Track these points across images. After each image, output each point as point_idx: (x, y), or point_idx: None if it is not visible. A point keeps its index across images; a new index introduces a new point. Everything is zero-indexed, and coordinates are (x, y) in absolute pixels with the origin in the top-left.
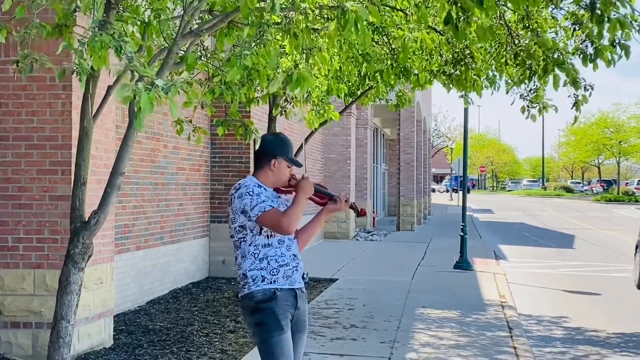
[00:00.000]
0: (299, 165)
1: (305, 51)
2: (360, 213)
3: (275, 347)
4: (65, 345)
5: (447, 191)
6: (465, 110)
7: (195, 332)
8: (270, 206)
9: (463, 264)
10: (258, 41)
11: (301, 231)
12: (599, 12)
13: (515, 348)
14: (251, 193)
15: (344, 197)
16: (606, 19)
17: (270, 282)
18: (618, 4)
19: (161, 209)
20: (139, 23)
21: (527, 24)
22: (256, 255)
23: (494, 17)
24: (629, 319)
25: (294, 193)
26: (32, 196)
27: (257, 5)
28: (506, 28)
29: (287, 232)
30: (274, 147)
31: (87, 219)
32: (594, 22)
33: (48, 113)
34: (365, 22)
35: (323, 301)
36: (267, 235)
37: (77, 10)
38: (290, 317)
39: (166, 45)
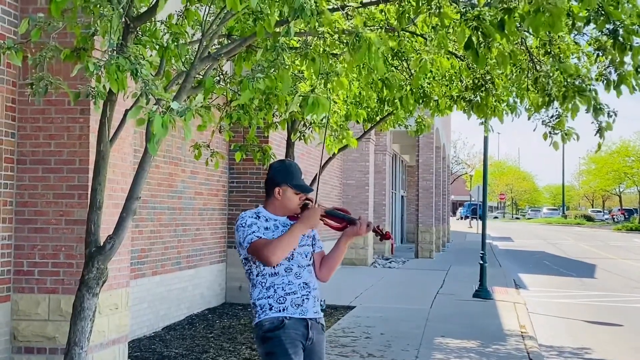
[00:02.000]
0: (307, 190)
1: (323, 76)
2: (385, 236)
3: None
4: None
5: (461, 218)
6: (485, 138)
7: None
8: (258, 237)
9: (482, 293)
10: (273, 65)
11: (326, 259)
12: (621, 39)
13: None
14: (244, 225)
15: (364, 221)
16: (628, 47)
17: (279, 311)
18: None
19: (178, 234)
20: (157, 47)
21: (549, 50)
22: (263, 284)
23: (515, 43)
24: None
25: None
26: (48, 220)
27: (274, 29)
28: (527, 54)
29: (269, 263)
30: (277, 175)
31: (102, 244)
32: (616, 49)
33: (66, 137)
34: (379, 48)
35: (340, 329)
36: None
37: (96, 34)
38: (302, 346)
39: (184, 69)
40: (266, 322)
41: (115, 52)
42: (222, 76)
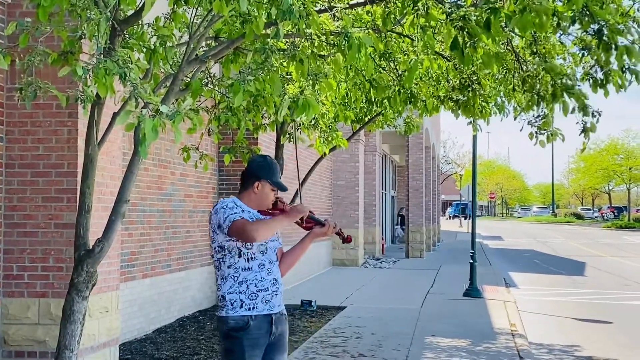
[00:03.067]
0: (283, 189)
1: (311, 77)
2: (346, 240)
3: None
4: None
5: (450, 218)
6: (474, 137)
7: None
8: (240, 216)
9: (473, 292)
10: (262, 67)
11: (286, 255)
12: (606, 39)
13: None
14: (225, 207)
15: (331, 223)
16: (613, 46)
17: (249, 308)
18: (625, 31)
19: (168, 237)
20: (145, 50)
21: (535, 50)
22: (235, 278)
23: (501, 43)
24: None
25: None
26: (37, 224)
27: (263, 32)
28: (514, 54)
29: (252, 239)
30: (258, 169)
31: (91, 247)
32: (601, 49)
33: (54, 140)
34: (370, 49)
35: (331, 329)
36: (248, 259)
37: (83, 37)
38: (266, 343)
39: (172, 72)
40: (232, 320)
41: (103, 55)
42: (210, 78)
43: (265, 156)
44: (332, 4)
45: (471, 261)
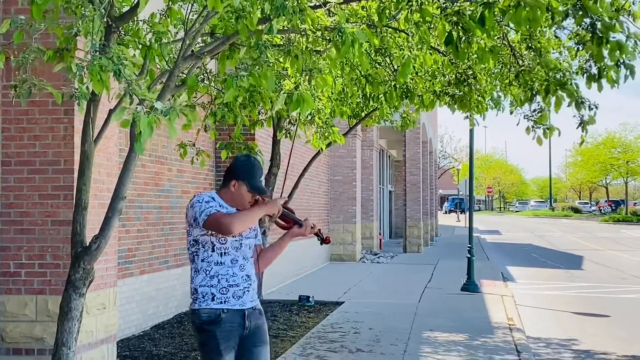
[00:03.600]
0: (261, 192)
1: (306, 73)
2: (325, 241)
3: None
4: None
5: (446, 212)
6: (471, 131)
7: (199, 358)
8: (217, 210)
9: (470, 286)
10: (256, 63)
11: (264, 252)
12: (599, 33)
13: None
14: (200, 201)
15: (309, 224)
16: (605, 41)
17: (221, 302)
18: (618, 26)
19: (165, 233)
20: (140, 46)
21: (530, 44)
22: (207, 272)
23: (497, 38)
24: (638, 340)
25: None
26: (34, 221)
27: (257, 27)
28: (509, 48)
29: (227, 232)
30: (238, 169)
31: (88, 244)
32: (594, 43)
33: (50, 137)
34: (364, 44)
35: (329, 325)
36: (221, 254)
37: (78, 34)
38: (238, 338)
39: (168, 68)
40: (204, 314)
41: (97, 52)
42: (206, 75)
43: (250, 156)
44: (326, 0)
45: (469, 256)
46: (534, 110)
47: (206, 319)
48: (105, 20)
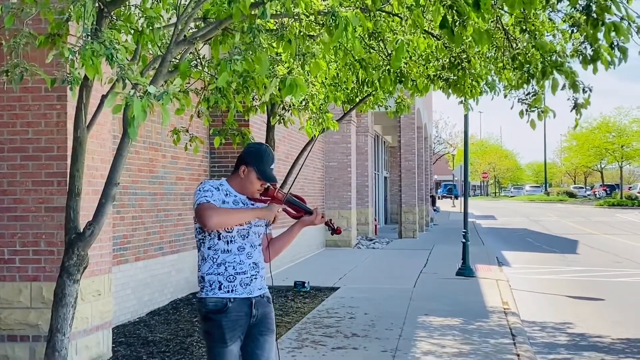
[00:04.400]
0: (269, 180)
1: (299, 57)
2: (336, 231)
3: (217, 358)
4: (61, 358)
5: (440, 198)
6: (466, 116)
7: (195, 343)
8: (207, 200)
9: (465, 271)
10: (250, 47)
11: (274, 241)
12: (594, 15)
13: (518, 355)
14: (201, 190)
15: (319, 212)
16: (600, 23)
17: (228, 291)
18: (613, 8)
19: (160, 220)
20: (132, 32)
21: (524, 27)
22: (214, 260)
23: (491, 21)
24: (633, 324)
25: (269, 203)
26: (28, 208)
27: (250, 11)
28: (503, 32)
29: (207, 227)
30: (248, 155)
31: (82, 230)
32: (589, 25)
33: (43, 124)
34: (358, 28)
35: (324, 310)
36: (227, 242)
37: (70, 19)
38: (245, 326)
39: (161, 53)
40: (211, 303)
41: (89, 37)
42: (199, 60)
43: (262, 144)
44: None
45: (464, 240)
46: (528, 94)
47: (212, 308)
48: (97, 5)
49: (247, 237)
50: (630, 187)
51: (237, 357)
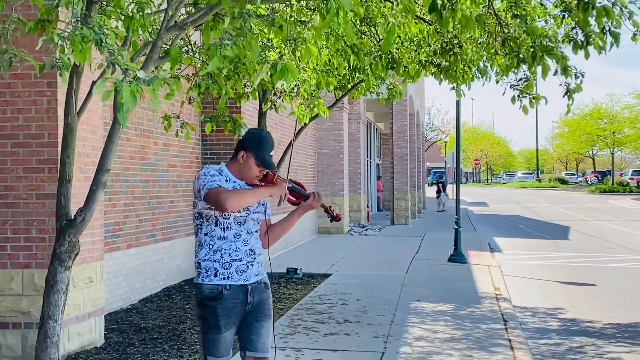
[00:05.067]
0: (268, 166)
1: (291, 43)
2: (335, 218)
3: (210, 344)
4: (52, 345)
5: (429, 185)
6: (458, 103)
7: (187, 330)
8: (218, 185)
9: (457, 257)
10: (240, 33)
11: (273, 227)
12: None
13: (510, 340)
14: (206, 174)
15: (317, 195)
16: (591, 7)
17: (224, 278)
18: None
19: (152, 207)
20: (122, 17)
21: (516, 12)
22: (211, 246)
23: (482, 6)
24: (624, 309)
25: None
26: (19, 195)
27: None
28: (495, 17)
29: (223, 209)
30: (248, 140)
31: (73, 217)
32: (580, 9)
33: (34, 110)
34: (349, 13)
35: (317, 296)
36: (223, 228)
37: (59, 5)
38: (240, 313)
39: (151, 39)
40: (206, 289)
41: (79, 22)
42: (190, 46)
43: (262, 130)
44: None
45: (456, 227)
46: (520, 79)
47: (208, 295)
48: None
49: (243, 224)
50: (622, 174)
51: (231, 343)
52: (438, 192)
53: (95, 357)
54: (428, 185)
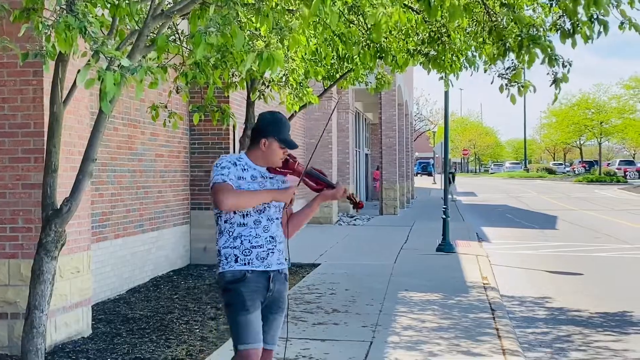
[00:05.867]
0: (292, 146)
1: (278, 32)
2: (358, 205)
3: (239, 327)
4: (39, 336)
5: (415, 175)
6: (446, 93)
7: (175, 320)
8: (224, 180)
9: (445, 247)
10: (227, 21)
11: (294, 216)
12: None
13: (497, 329)
14: (218, 166)
15: (342, 187)
16: None
17: (244, 264)
18: None
19: (140, 197)
20: (108, 6)
21: (503, 1)
22: (230, 233)
23: None
24: (611, 298)
25: (289, 176)
26: (4, 185)
27: None
28: (483, 5)
29: (219, 206)
30: (266, 126)
31: (59, 207)
32: None
33: (19, 100)
34: (337, 1)
35: (305, 286)
36: (243, 215)
37: None
38: (262, 298)
39: (138, 28)
40: (228, 274)
41: (64, 11)
42: (177, 35)
43: (275, 112)
44: None
45: (444, 217)
46: (508, 68)
47: (231, 279)
48: None
49: (263, 211)
50: (609, 164)
51: (260, 331)
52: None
53: (83, 347)
54: (415, 175)
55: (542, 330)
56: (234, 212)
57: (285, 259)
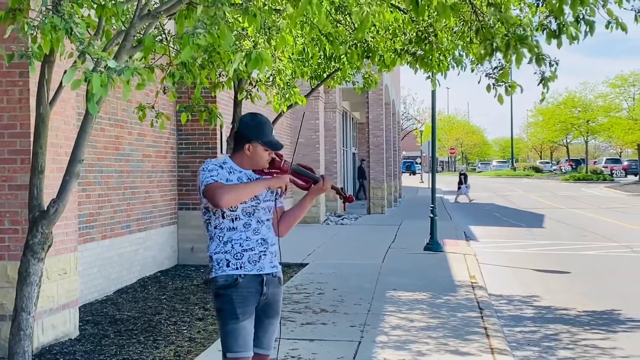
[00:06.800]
0: (277, 147)
1: (265, 32)
2: (348, 199)
3: (228, 335)
4: (26, 338)
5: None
6: (433, 92)
7: (163, 321)
8: (215, 180)
9: (433, 246)
10: (214, 21)
11: (286, 215)
12: None
13: (485, 328)
14: (205, 169)
15: (327, 178)
16: None
17: (236, 268)
18: None
19: (127, 197)
20: (95, 6)
21: (490, 1)
22: (221, 238)
23: None
24: (598, 296)
25: (276, 175)
26: None
27: None
28: (470, 5)
29: (218, 205)
30: (248, 130)
31: (45, 208)
32: None
33: (5, 101)
34: (324, 1)
35: (293, 286)
36: (232, 219)
37: None
38: (256, 302)
39: (124, 28)
40: (220, 279)
41: (50, 11)
42: (164, 35)
43: (255, 115)
44: None
45: (431, 215)
46: (495, 68)
47: (223, 284)
48: None
49: (253, 214)
50: (596, 162)
51: (250, 338)
52: (460, 183)
53: (70, 349)
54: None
55: (530, 328)
56: (223, 217)
57: (280, 263)
